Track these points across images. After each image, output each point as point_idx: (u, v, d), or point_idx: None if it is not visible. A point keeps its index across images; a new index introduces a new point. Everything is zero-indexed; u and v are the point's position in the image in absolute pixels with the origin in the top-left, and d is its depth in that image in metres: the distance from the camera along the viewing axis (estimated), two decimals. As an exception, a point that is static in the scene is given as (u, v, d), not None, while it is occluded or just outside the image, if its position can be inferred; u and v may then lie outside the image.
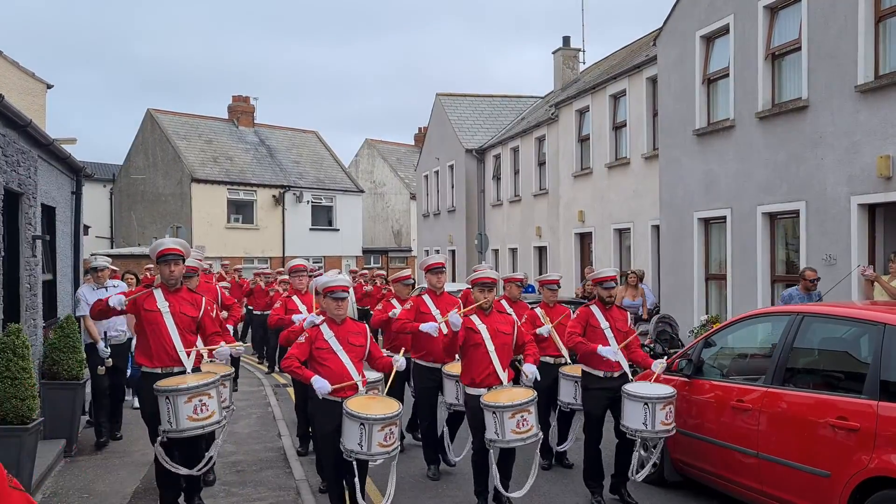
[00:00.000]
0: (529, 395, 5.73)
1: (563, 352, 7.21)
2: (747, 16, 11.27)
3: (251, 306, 15.13)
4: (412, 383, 7.69)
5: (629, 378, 6.38)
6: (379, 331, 8.41)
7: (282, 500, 6.53)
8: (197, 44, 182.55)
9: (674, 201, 13.14)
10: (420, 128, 38.77)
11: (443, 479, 7.15)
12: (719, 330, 6.72)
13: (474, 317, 6.04)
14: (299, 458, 7.77)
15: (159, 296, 5.69)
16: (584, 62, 23.08)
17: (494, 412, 5.62)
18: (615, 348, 6.37)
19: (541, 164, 20.68)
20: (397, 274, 8.49)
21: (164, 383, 5.41)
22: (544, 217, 20.23)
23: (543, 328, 7.25)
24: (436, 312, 7.15)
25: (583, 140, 18.04)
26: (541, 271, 20.16)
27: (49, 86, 16.96)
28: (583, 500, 6.49)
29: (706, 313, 12.20)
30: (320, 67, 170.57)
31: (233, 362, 10.27)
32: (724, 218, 11.87)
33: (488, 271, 6.26)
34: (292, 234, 31.77)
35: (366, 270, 18.85)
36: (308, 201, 32.65)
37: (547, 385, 7.19)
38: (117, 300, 5.60)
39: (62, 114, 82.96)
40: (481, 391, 5.86)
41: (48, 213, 9.43)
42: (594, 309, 6.58)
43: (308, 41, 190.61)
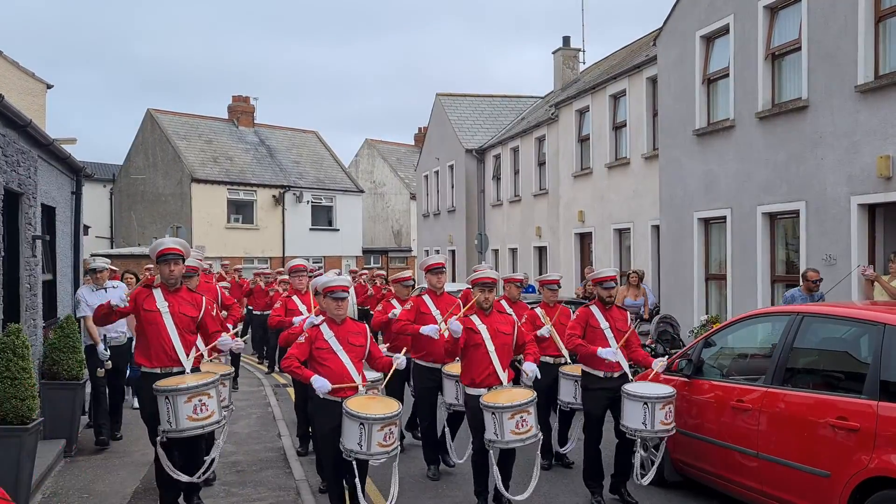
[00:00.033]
0: (529, 396, 5.72)
1: (563, 351, 7.20)
2: (747, 16, 11.27)
3: (251, 306, 15.12)
4: (412, 383, 7.69)
5: (629, 378, 6.38)
6: (379, 332, 8.40)
7: (282, 500, 6.53)
8: (197, 44, 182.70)
9: (674, 201, 13.14)
10: (420, 128, 38.79)
11: (443, 479, 7.15)
12: (719, 330, 6.72)
13: (474, 317, 6.03)
14: (299, 458, 7.77)
15: (159, 296, 5.68)
16: (584, 62, 23.12)
17: (494, 413, 5.62)
18: (615, 348, 6.38)
19: (541, 164, 20.68)
20: (398, 274, 8.46)
21: (164, 383, 5.40)
22: (544, 217, 20.23)
23: (544, 329, 7.25)
24: (436, 313, 7.16)
25: (583, 140, 18.05)
26: (541, 271, 20.16)
27: (49, 86, 16.95)
28: (583, 500, 6.49)
29: (706, 313, 12.21)
30: (320, 67, 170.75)
31: (233, 362, 10.28)
32: (724, 218, 11.87)
33: (488, 271, 6.25)
34: (292, 234, 31.77)
35: (366, 271, 18.84)
36: (308, 201, 32.65)
37: (547, 384, 7.19)
38: (118, 297, 5.62)
39: (62, 114, 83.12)
40: (481, 391, 5.86)
41: (48, 213, 9.43)
42: (594, 309, 6.59)
43: (308, 41, 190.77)
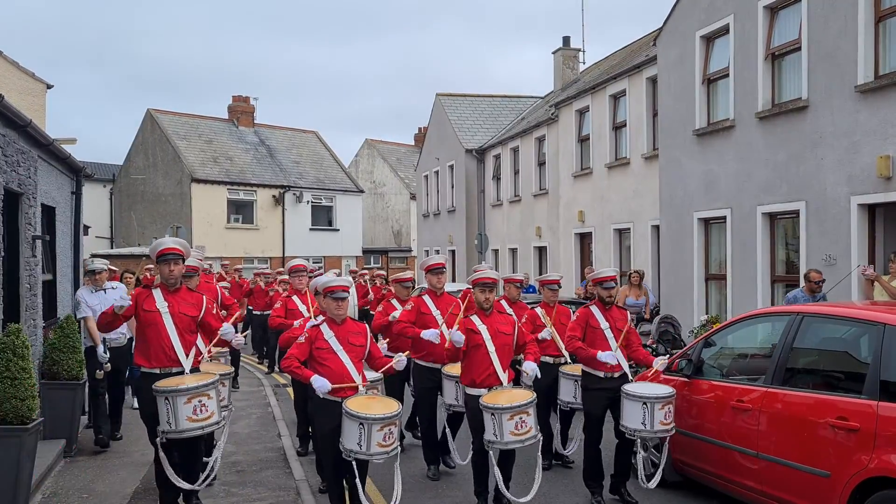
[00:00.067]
0: (528, 397, 5.71)
1: (563, 351, 7.19)
2: (747, 16, 11.27)
3: (251, 306, 15.13)
4: (412, 383, 7.68)
5: (629, 378, 6.38)
6: (379, 334, 8.38)
7: (282, 500, 6.53)
8: (197, 44, 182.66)
9: (674, 201, 13.14)
10: (420, 128, 38.79)
11: (443, 479, 7.15)
12: (719, 330, 6.72)
13: (475, 317, 6.03)
14: (299, 458, 7.77)
15: (158, 296, 5.67)
16: (584, 62, 23.12)
17: (493, 413, 5.61)
18: (615, 347, 6.38)
19: (541, 164, 20.68)
20: (398, 275, 8.44)
21: (163, 384, 5.38)
22: (544, 217, 20.23)
23: (545, 332, 7.21)
24: (436, 313, 7.16)
25: (583, 140, 18.05)
26: (541, 271, 20.16)
27: (49, 86, 16.94)
28: (583, 500, 6.49)
29: (706, 313, 12.21)
30: (320, 67, 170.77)
31: (233, 362, 10.27)
32: (724, 218, 11.87)
33: (489, 272, 6.25)
34: (292, 235, 31.77)
35: (366, 271, 18.83)
36: (308, 201, 32.65)
37: (547, 384, 7.19)
38: (119, 301, 5.56)
39: (62, 114, 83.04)
40: (481, 391, 5.85)
41: (48, 213, 9.42)
42: (594, 309, 6.59)
43: (308, 41, 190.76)
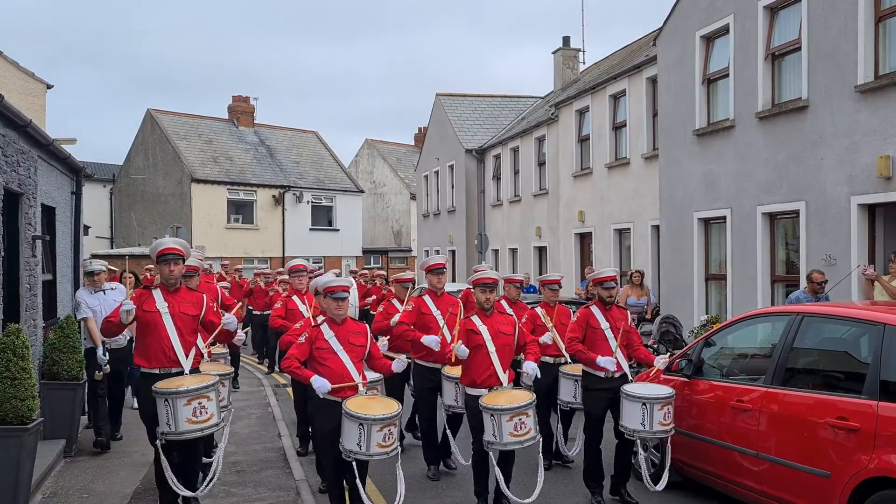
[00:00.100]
0: (528, 398, 5.69)
1: (564, 351, 7.19)
2: (747, 16, 11.27)
3: (251, 306, 15.12)
4: (412, 383, 7.68)
5: (629, 378, 6.38)
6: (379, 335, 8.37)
7: (282, 500, 6.52)
8: (197, 44, 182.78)
9: (674, 201, 13.14)
10: (420, 128, 38.78)
11: (443, 479, 7.15)
12: (719, 330, 6.72)
13: (475, 318, 6.03)
14: (299, 458, 7.77)
15: (158, 296, 5.66)
16: (584, 62, 23.11)
17: (493, 414, 5.60)
18: (615, 347, 6.39)
19: (541, 164, 20.68)
20: (399, 275, 8.46)
21: (163, 385, 5.36)
22: (544, 217, 20.23)
23: (546, 336, 7.16)
24: (437, 313, 7.17)
25: (583, 140, 18.05)
26: (541, 271, 20.17)
27: (49, 86, 16.94)
28: (583, 500, 6.49)
29: (706, 313, 12.22)
30: (320, 67, 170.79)
31: (233, 362, 10.27)
32: (724, 218, 11.87)
33: (489, 272, 6.24)
34: (292, 235, 31.76)
35: (366, 271, 18.83)
36: (308, 201, 32.64)
37: (547, 384, 7.19)
38: (125, 310, 5.45)
39: (62, 114, 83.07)
40: (482, 392, 5.85)
41: (48, 213, 9.42)
42: (594, 309, 6.58)
43: (308, 41, 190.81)
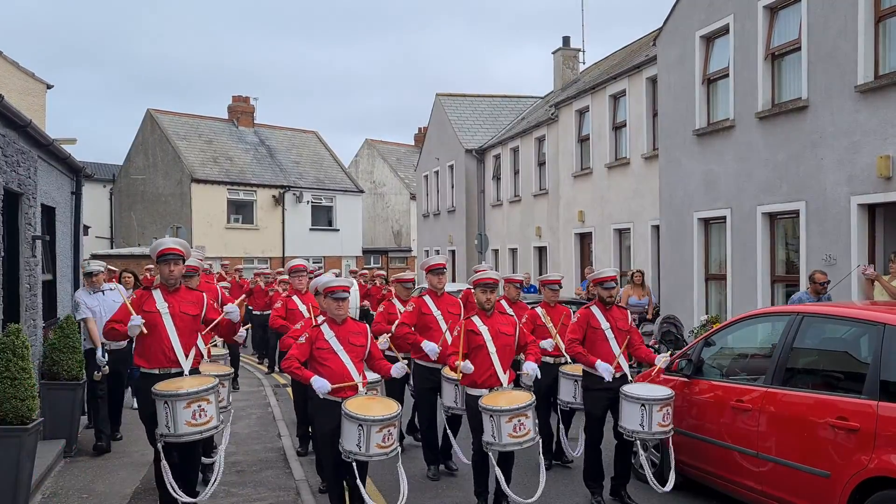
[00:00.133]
0: (528, 400, 5.68)
1: (564, 351, 7.18)
2: (747, 16, 11.27)
3: (251, 306, 15.12)
4: (412, 383, 7.68)
5: (629, 379, 6.38)
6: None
7: (282, 500, 6.52)
8: (197, 44, 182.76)
9: (674, 201, 13.14)
10: (420, 128, 38.78)
11: (443, 479, 7.16)
12: (719, 330, 6.72)
13: (476, 318, 6.03)
14: (299, 458, 7.77)
15: (158, 297, 5.65)
16: (584, 62, 23.11)
17: (492, 416, 5.59)
18: (616, 347, 6.39)
19: (541, 164, 20.68)
20: (400, 275, 8.46)
21: (163, 387, 5.33)
22: (544, 217, 20.23)
23: (546, 342, 7.12)
24: (437, 313, 7.20)
25: (583, 140, 18.05)
26: (541, 271, 20.17)
27: (49, 86, 16.95)
28: (583, 500, 6.49)
29: (706, 313, 12.22)
30: (320, 67, 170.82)
31: (232, 362, 10.27)
32: (724, 218, 11.87)
33: (490, 272, 6.24)
34: (292, 235, 31.75)
35: (366, 271, 18.84)
36: (308, 201, 32.63)
37: (547, 384, 7.19)
38: (134, 325, 5.43)
39: (62, 114, 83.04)
40: (482, 392, 5.84)
41: (48, 213, 9.42)
42: (594, 310, 6.58)
43: (308, 41, 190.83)
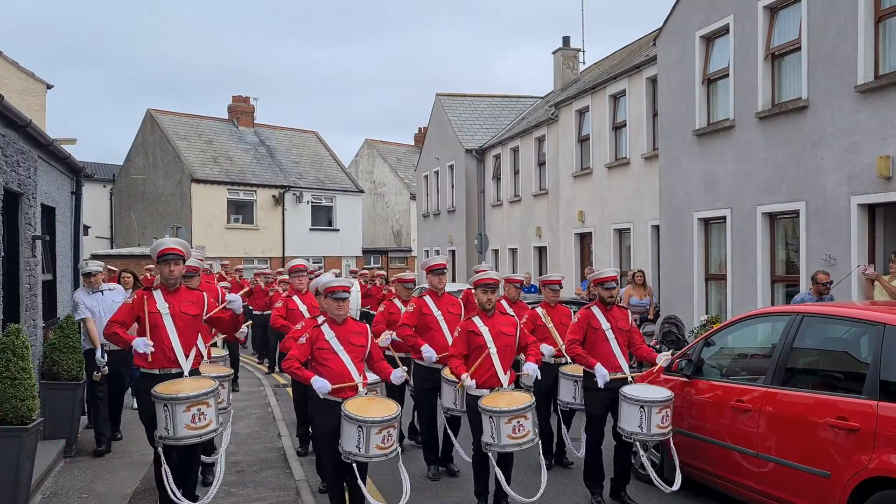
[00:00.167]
0: (527, 401, 5.67)
1: (564, 352, 7.17)
2: (747, 16, 11.27)
3: (251, 306, 15.11)
4: (412, 383, 7.67)
5: (629, 380, 6.38)
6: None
7: (282, 500, 6.52)
8: (197, 44, 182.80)
9: (674, 201, 13.14)
10: (420, 128, 38.79)
11: (443, 479, 7.16)
12: (719, 330, 6.72)
13: (477, 318, 6.03)
14: (299, 458, 7.77)
15: (159, 297, 5.65)
16: (584, 62, 23.12)
17: (491, 416, 5.59)
18: (616, 347, 6.40)
19: (541, 164, 20.68)
20: (401, 275, 8.47)
21: (162, 389, 5.31)
22: (544, 217, 20.23)
23: (547, 349, 7.04)
24: (437, 314, 7.22)
25: (583, 140, 18.05)
26: (541, 271, 20.17)
27: (49, 86, 16.96)
28: (583, 500, 6.49)
29: (706, 313, 12.21)
30: (321, 67, 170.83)
31: (232, 363, 10.26)
32: (724, 218, 11.87)
33: (491, 272, 6.24)
34: (292, 235, 31.77)
35: (366, 271, 18.84)
36: (308, 201, 32.65)
37: (547, 385, 7.19)
38: (145, 348, 5.42)
39: (62, 114, 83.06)
40: (482, 392, 5.85)
41: (48, 213, 9.42)
42: (595, 310, 6.58)
43: (308, 41, 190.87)
